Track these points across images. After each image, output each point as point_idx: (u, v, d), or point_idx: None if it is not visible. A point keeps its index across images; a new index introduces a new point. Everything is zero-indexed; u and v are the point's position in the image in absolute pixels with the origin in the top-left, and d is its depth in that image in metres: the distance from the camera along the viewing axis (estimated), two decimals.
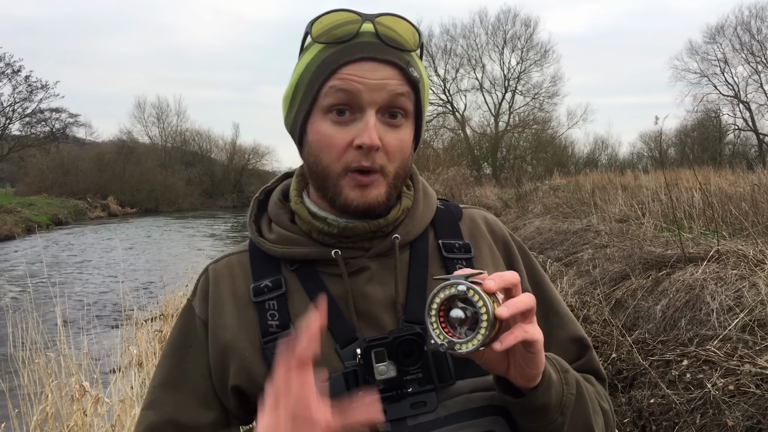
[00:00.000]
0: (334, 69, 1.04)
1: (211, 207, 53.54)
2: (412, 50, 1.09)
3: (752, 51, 40.32)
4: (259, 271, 1.15)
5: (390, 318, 1.09)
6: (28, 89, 46.31)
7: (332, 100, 1.04)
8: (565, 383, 1.03)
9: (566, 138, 46.45)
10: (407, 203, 1.16)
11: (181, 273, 10.70)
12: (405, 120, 1.08)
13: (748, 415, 3.60)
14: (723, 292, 5.08)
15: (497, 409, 1.06)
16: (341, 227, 1.10)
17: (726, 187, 10.81)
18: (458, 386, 1.05)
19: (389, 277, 1.12)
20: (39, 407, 4.09)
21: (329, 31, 1.06)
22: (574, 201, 14.44)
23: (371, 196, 1.06)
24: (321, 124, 1.06)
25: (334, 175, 1.07)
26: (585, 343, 1.21)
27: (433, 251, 1.16)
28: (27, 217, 30.07)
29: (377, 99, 1.03)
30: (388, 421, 1.02)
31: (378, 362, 1.00)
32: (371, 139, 1.02)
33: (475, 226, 1.23)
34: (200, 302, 1.18)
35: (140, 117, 63.38)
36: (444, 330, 0.89)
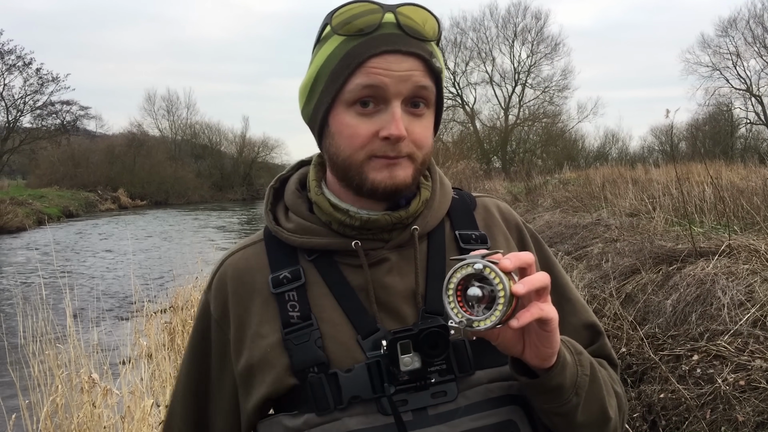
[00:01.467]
0: (359, 63, 1.04)
1: (221, 200, 53.75)
2: (433, 40, 1.09)
3: (765, 44, 39.99)
4: (276, 261, 1.14)
5: (410, 309, 1.10)
6: (39, 82, 46.64)
7: (359, 94, 1.04)
8: (580, 365, 1.04)
9: (576, 131, 46.38)
10: (426, 195, 1.16)
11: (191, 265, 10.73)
12: (427, 109, 1.09)
13: (758, 411, 3.58)
14: (734, 286, 5.05)
15: (515, 398, 1.07)
16: (363, 220, 1.10)
17: (737, 182, 10.75)
18: (477, 376, 1.07)
19: (409, 268, 1.12)
20: (49, 398, 4.11)
21: (350, 23, 1.05)
22: (584, 195, 14.37)
23: (399, 177, 1.06)
24: (344, 116, 1.06)
25: (357, 163, 1.07)
26: (597, 329, 1.23)
27: (450, 242, 1.17)
28: (38, 209, 30.29)
29: (402, 90, 1.04)
30: (409, 411, 1.03)
31: (403, 354, 1.01)
32: (399, 130, 1.03)
33: (489, 216, 1.24)
34: (216, 300, 1.18)
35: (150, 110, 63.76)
36: (462, 308, 0.90)
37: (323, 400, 1.04)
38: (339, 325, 1.08)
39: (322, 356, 1.05)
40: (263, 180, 60.64)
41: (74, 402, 4.17)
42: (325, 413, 1.04)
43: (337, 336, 1.07)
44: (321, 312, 1.09)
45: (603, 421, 1.09)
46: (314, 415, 1.04)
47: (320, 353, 1.06)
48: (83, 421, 3.88)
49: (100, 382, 3.88)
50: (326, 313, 1.09)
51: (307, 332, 1.07)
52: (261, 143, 62.74)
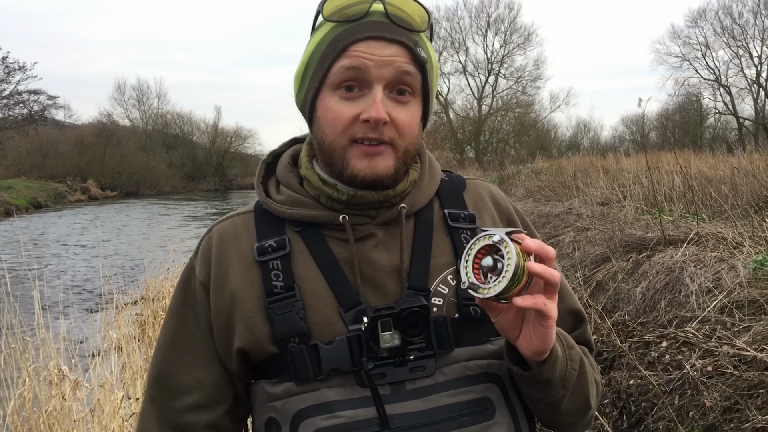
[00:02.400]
0: (343, 47, 1.06)
1: (193, 190, 53.28)
2: (421, 30, 1.11)
3: (733, 35, 40.52)
4: (263, 231, 1.16)
5: (394, 284, 1.11)
6: (5, 71, 45.67)
7: (342, 77, 1.06)
8: (570, 359, 1.08)
9: (549, 121, 46.66)
10: (414, 175, 1.18)
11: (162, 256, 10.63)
12: (412, 98, 1.10)
13: (725, 396, 3.64)
14: (702, 274, 5.12)
15: (492, 376, 1.10)
16: (350, 195, 1.12)
17: (706, 171, 10.89)
18: (456, 354, 1.09)
19: (394, 245, 1.14)
20: (17, 392, 4.04)
21: (340, 11, 1.08)
22: (556, 184, 14.50)
23: (380, 167, 1.08)
24: (329, 100, 1.09)
25: (340, 148, 1.09)
26: (581, 316, 1.26)
27: (438, 220, 1.19)
28: (5, 201, 29.75)
29: (384, 74, 1.06)
30: (387, 384, 1.05)
31: (383, 331, 1.04)
32: (378, 112, 1.04)
33: (479, 198, 1.26)
34: (201, 262, 1.19)
35: (120, 99, 62.59)
36: (475, 275, 0.94)
37: (303, 370, 1.06)
38: (322, 297, 1.09)
39: (303, 327, 1.07)
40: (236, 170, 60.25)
41: (43, 395, 4.11)
42: (305, 383, 1.06)
43: (319, 307, 1.09)
44: (304, 282, 1.10)
45: (585, 410, 1.15)
46: (293, 384, 1.07)
47: (302, 324, 1.07)
48: (52, 415, 3.82)
49: (69, 375, 3.82)
50: (309, 283, 1.10)
51: (290, 302, 1.08)
52: (234, 133, 62.25)
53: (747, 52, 40.48)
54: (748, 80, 41.04)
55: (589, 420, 1.18)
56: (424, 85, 1.11)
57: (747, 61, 40.69)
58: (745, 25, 40.23)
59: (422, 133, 1.19)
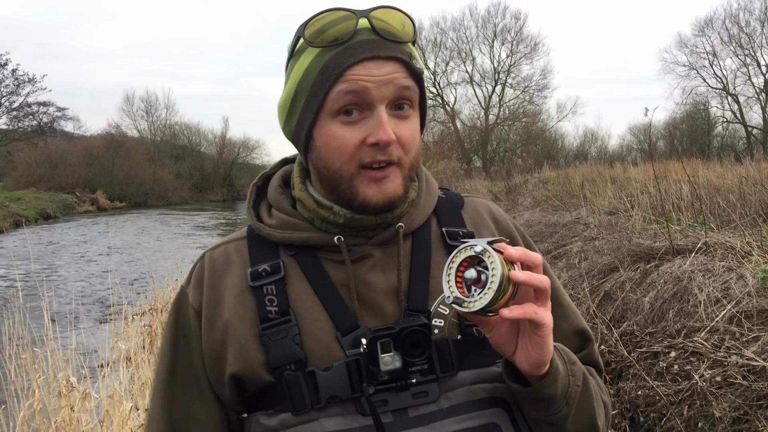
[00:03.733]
0: (339, 73, 1.02)
1: (201, 201, 53.37)
2: (410, 40, 1.07)
3: (740, 44, 40.44)
4: (257, 256, 1.13)
5: (392, 306, 1.07)
6: (15, 83, 45.97)
7: (341, 102, 1.03)
8: (572, 375, 1.03)
9: (556, 131, 46.51)
10: (412, 195, 1.15)
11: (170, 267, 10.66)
12: (412, 110, 1.08)
13: (734, 406, 3.63)
14: (710, 283, 5.11)
15: (499, 401, 1.06)
16: (347, 218, 1.09)
17: (714, 180, 10.86)
18: (461, 377, 1.05)
19: (392, 265, 1.10)
20: (26, 403, 4.06)
21: (323, 32, 1.03)
22: (564, 194, 14.47)
23: (390, 191, 1.06)
24: (330, 128, 1.04)
25: (347, 176, 1.05)
26: (587, 336, 1.22)
27: (436, 239, 1.15)
28: (15, 212, 29.88)
29: (386, 94, 1.02)
30: (389, 412, 1.01)
31: (384, 353, 0.99)
32: (387, 134, 1.01)
33: (477, 215, 1.23)
34: (194, 290, 1.15)
35: (129, 110, 62.75)
36: (458, 288, 0.90)
37: (300, 399, 1.02)
38: (318, 321, 1.06)
39: (299, 353, 1.03)
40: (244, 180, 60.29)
41: (52, 406, 4.13)
42: (302, 413, 1.02)
43: (316, 332, 1.05)
44: (300, 307, 1.07)
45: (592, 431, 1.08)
46: (290, 414, 1.03)
47: (298, 350, 1.03)
48: (61, 426, 3.84)
49: (78, 386, 3.84)
50: (305, 308, 1.07)
51: (285, 328, 1.05)
52: (241, 144, 62.39)
53: (755, 61, 40.41)
54: (756, 89, 40.93)
55: None
56: (421, 94, 1.09)
57: (755, 69, 40.63)
58: (753, 34, 40.18)
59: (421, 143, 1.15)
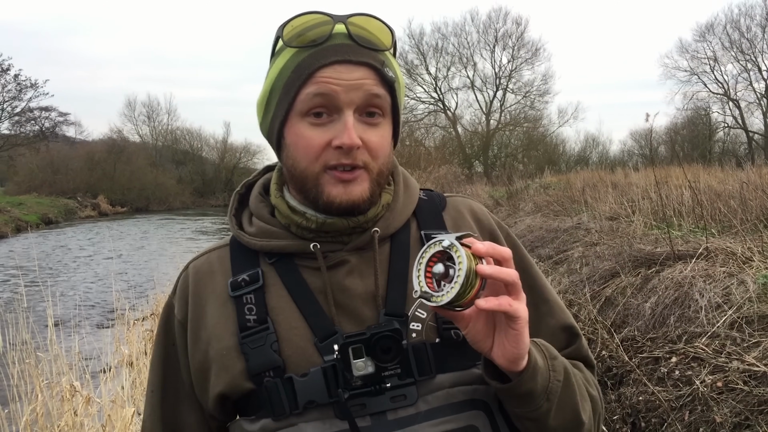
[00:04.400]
0: (309, 73, 1.04)
1: (203, 206, 53.35)
2: (386, 49, 1.08)
3: (742, 49, 40.48)
4: (238, 265, 1.15)
5: (370, 311, 1.08)
6: (17, 88, 46.10)
7: (310, 104, 1.05)
8: (552, 370, 1.03)
9: (557, 136, 46.56)
10: (387, 198, 1.16)
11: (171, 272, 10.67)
12: (383, 119, 1.08)
13: (736, 412, 3.63)
14: (711, 289, 5.12)
15: (478, 403, 1.06)
16: (319, 222, 1.10)
17: (715, 185, 10.86)
18: (439, 380, 1.05)
19: (369, 270, 1.11)
20: (29, 407, 4.08)
21: (301, 35, 1.05)
22: (565, 199, 14.46)
23: (355, 193, 1.06)
24: (298, 127, 1.07)
25: (313, 176, 1.07)
26: (574, 332, 1.22)
27: (415, 242, 1.16)
28: (17, 217, 29.91)
29: (354, 99, 1.04)
30: (368, 415, 1.02)
31: (356, 358, 1.00)
32: (351, 139, 1.02)
33: (459, 216, 1.22)
34: (179, 301, 1.18)
35: (130, 116, 62.86)
36: (428, 284, 0.91)
37: (279, 405, 1.04)
38: (296, 329, 1.07)
39: (277, 360, 1.05)
40: None
41: (55, 410, 4.14)
42: (281, 418, 1.04)
43: (294, 339, 1.06)
44: (278, 315, 1.08)
45: (575, 426, 1.07)
46: (270, 420, 1.04)
47: (276, 357, 1.05)
48: (64, 430, 3.85)
49: (81, 390, 3.86)
50: (284, 315, 1.08)
51: (263, 336, 1.06)
52: (243, 149, 62.39)
53: (756, 66, 40.46)
54: (757, 94, 40.97)
55: None
56: (393, 104, 1.10)
57: (756, 74, 40.66)
58: (754, 39, 40.23)
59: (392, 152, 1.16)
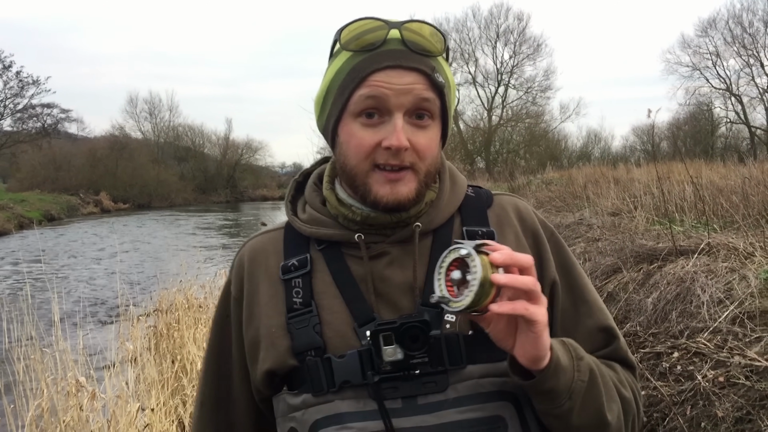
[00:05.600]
0: (363, 77, 1.09)
1: (205, 202, 53.45)
2: (438, 55, 1.13)
3: (744, 44, 40.41)
4: (290, 249, 1.22)
5: (408, 301, 1.14)
6: (20, 85, 46.15)
7: (362, 105, 1.10)
8: (577, 370, 1.06)
9: (559, 132, 46.55)
10: (431, 196, 1.20)
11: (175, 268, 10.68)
12: (432, 121, 1.13)
13: (737, 406, 3.65)
14: (713, 284, 5.13)
15: (507, 395, 1.10)
16: (364, 215, 1.16)
17: (717, 180, 10.86)
18: (469, 370, 1.10)
19: (409, 262, 1.16)
20: (35, 402, 4.10)
21: (357, 39, 1.11)
22: (567, 194, 14.48)
23: (402, 193, 1.12)
24: (351, 126, 1.12)
25: (362, 173, 1.13)
26: (612, 333, 1.24)
27: (457, 237, 1.20)
28: (19, 213, 29.98)
29: (404, 102, 1.09)
30: (399, 398, 1.08)
31: (386, 345, 1.06)
32: (399, 140, 1.07)
33: (504, 214, 1.26)
34: (235, 279, 1.26)
35: (132, 112, 63.01)
36: (448, 289, 0.95)
37: (318, 382, 1.11)
38: (337, 313, 1.14)
39: (318, 341, 1.12)
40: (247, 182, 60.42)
41: (60, 406, 4.16)
42: (320, 395, 1.11)
43: (335, 323, 1.13)
44: (322, 299, 1.15)
45: (600, 426, 1.10)
46: (311, 395, 1.11)
47: (317, 338, 1.12)
48: (69, 425, 3.87)
49: (87, 386, 3.88)
50: (327, 300, 1.15)
51: (307, 318, 1.14)
52: (245, 145, 62.56)
53: (758, 61, 40.37)
54: (759, 89, 40.92)
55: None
56: (443, 107, 1.14)
57: (758, 69, 40.58)
58: (756, 34, 40.15)
59: (441, 152, 1.21)
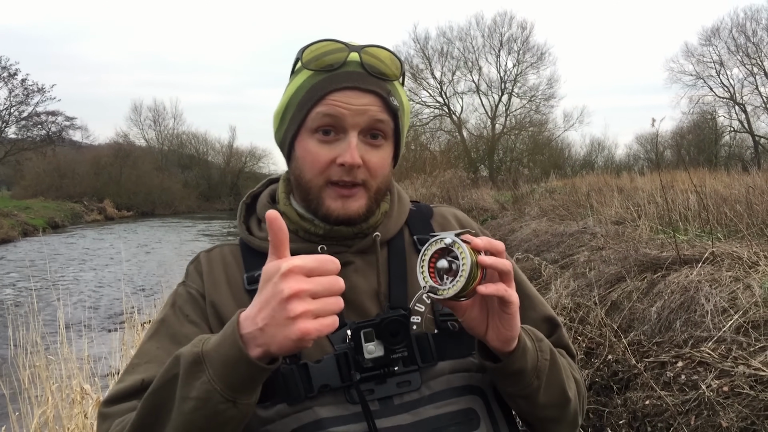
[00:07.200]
0: (321, 95, 1.15)
1: (208, 210, 53.50)
2: (395, 79, 1.19)
3: (747, 53, 40.41)
4: (251, 263, 1.24)
5: (374, 306, 1.20)
6: (25, 93, 46.21)
7: (319, 122, 1.15)
8: (540, 350, 1.14)
9: (563, 140, 46.50)
10: (385, 207, 1.28)
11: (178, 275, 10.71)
12: (385, 141, 1.20)
13: (742, 416, 3.64)
14: (717, 293, 5.12)
15: (475, 389, 1.17)
16: (326, 229, 1.21)
17: (721, 189, 10.85)
18: (440, 367, 1.17)
19: (372, 271, 1.23)
20: (39, 410, 4.11)
21: (318, 59, 1.16)
22: (571, 203, 14.46)
23: (352, 208, 1.18)
24: (308, 142, 1.17)
25: (316, 188, 1.18)
26: (555, 322, 1.34)
27: (409, 246, 1.29)
28: (23, 221, 30.03)
29: (359, 122, 1.15)
30: (375, 400, 1.11)
31: (367, 342, 1.11)
32: (353, 158, 1.13)
33: (445, 221, 1.36)
34: (192, 277, 1.26)
35: (137, 120, 63.09)
36: (432, 279, 1.01)
37: (295, 389, 1.12)
38: None
39: None
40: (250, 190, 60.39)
41: (65, 413, 4.17)
42: (296, 402, 1.12)
43: None
44: None
45: (563, 402, 1.19)
46: (285, 405, 1.12)
47: None
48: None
49: (91, 393, 3.89)
50: None
51: None
52: (248, 153, 62.65)
53: (762, 70, 40.35)
54: (763, 98, 40.86)
55: (572, 415, 1.22)
56: (396, 129, 1.21)
57: (762, 78, 40.56)
58: (760, 43, 40.15)
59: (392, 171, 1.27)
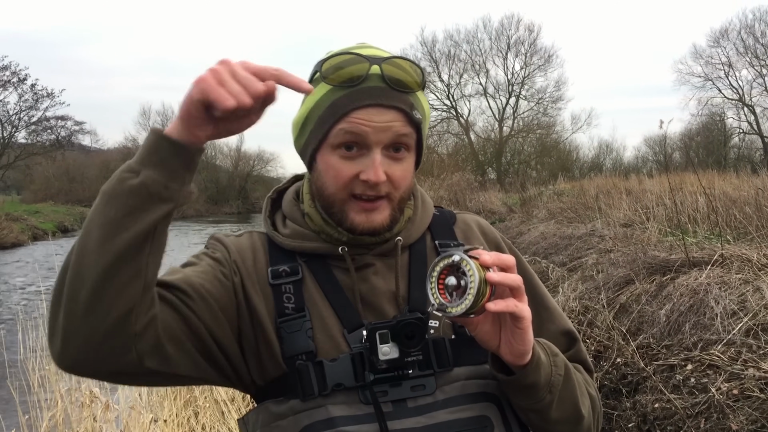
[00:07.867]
0: (343, 114, 1.13)
1: (216, 213, 53.51)
2: (417, 89, 1.17)
3: (756, 54, 40.20)
4: (276, 257, 1.24)
5: (392, 309, 1.20)
6: (34, 98, 46.38)
7: (341, 139, 1.14)
8: (554, 365, 1.14)
9: (570, 142, 46.35)
10: (409, 213, 1.28)
11: None
12: (407, 153, 1.19)
13: (752, 419, 3.63)
14: (727, 296, 5.10)
15: (490, 396, 1.16)
16: (350, 237, 1.21)
17: (730, 191, 10.80)
18: (456, 373, 1.16)
19: (391, 274, 1.23)
20: (49, 413, 4.13)
21: (338, 72, 1.14)
22: (579, 206, 14.44)
23: (377, 221, 1.18)
24: (330, 157, 1.16)
25: (340, 201, 1.17)
26: (573, 336, 1.32)
27: (430, 251, 1.28)
28: (33, 225, 30.15)
29: (383, 139, 1.14)
30: (389, 402, 1.11)
31: (382, 343, 1.10)
32: (377, 176, 1.13)
33: (468, 229, 1.35)
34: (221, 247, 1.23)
35: (145, 124, 63.05)
36: (441, 295, 1.01)
37: (309, 385, 1.12)
38: (327, 319, 1.18)
39: (310, 345, 1.15)
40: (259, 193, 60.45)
41: (74, 417, 4.19)
42: (310, 399, 1.12)
43: (326, 329, 1.17)
44: (312, 306, 1.19)
45: (576, 419, 1.18)
46: (299, 401, 1.12)
47: (309, 342, 1.15)
48: None
49: (101, 397, 3.90)
50: (316, 307, 1.18)
51: (300, 322, 1.16)
52: (256, 156, 62.69)
53: None
54: None
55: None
56: (419, 138, 1.19)
57: None
58: None
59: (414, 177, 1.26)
